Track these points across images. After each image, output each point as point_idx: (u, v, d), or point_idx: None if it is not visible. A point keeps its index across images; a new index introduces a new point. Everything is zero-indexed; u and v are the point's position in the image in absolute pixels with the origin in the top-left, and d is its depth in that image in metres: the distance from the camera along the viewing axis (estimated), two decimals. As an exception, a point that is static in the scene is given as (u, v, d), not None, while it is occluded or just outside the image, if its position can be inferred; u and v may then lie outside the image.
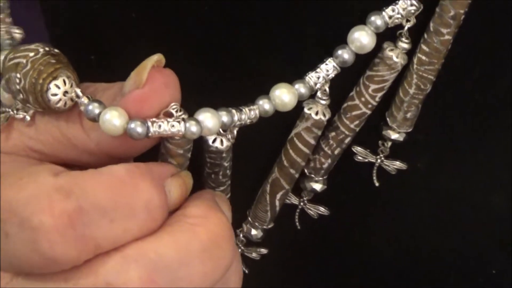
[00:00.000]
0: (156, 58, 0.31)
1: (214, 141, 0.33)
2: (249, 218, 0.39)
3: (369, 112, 0.35)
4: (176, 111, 0.31)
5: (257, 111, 0.33)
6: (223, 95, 0.36)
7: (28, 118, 0.33)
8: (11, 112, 0.33)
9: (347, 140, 0.36)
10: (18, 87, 0.31)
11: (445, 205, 0.38)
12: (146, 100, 0.31)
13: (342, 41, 0.34)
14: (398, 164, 0.37)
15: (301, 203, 0.38)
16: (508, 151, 0.36)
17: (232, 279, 0.33)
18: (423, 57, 0.34)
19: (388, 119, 0.36)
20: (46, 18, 0.38)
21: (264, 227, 0.38)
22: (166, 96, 0.31)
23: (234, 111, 0.32)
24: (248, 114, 0.33)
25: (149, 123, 0.30)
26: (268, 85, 0.34)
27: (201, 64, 0.36)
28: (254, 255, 0.40)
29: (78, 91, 0.31)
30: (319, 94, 0.34)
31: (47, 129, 0.33)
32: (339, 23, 0.34)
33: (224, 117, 0.32)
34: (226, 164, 0.35)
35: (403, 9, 0.33)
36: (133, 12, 0.36)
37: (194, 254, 0.30)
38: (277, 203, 0.37)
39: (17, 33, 0.34)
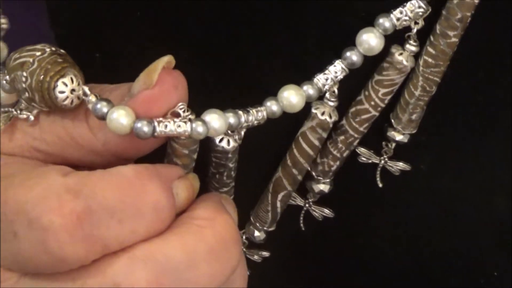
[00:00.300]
0: (167, 59, 0.31)
1: (221, 140, 0.33)
2: (251, 218, 0.39)
3: (378, 114, 0.35)
4: (184, 111, 0.31)
5: (264, 113, 0.33)
6: (223, 96, 0.36)
7: (32, 118, 0.33)
8: (14, 112, 0.33)
9: (356, 142, 0.36)
10: (24, 85, 0.31)
11: (447, 205, 0.38)
12: (155, 101, 0.31)
13: (344, 43, 0.34)
14: (401, 165, 0.37)
15: (307, 205, 0.38)
16: (510, 152, 0.37)
17: (237, 282, 0.33)
18: (429, 60, 0.34)
19: (392, 120, 0.36)
20: (51, 17, 0.38)
21: (265, 228, 0.38)
22: (175, 97, 0.31)
23: (241, 112, 0.32)
24: (256, 115, 0.33)
25: (156, 123, 0.31)
26: (269, 86, 0.34)
27: (202, 64, 0.36)
28: (256, 257, 0.40)
29: (86, 89, 0.31)
30: (327, 95, 0.34)
31: (52, 129, 0.33)
32: (341, 25, 0.34)
33: (231, 118, 0.32)
34: (231, 165, 0.35)
35: (411, 11, 0.33)
36: (137, 11, 0.36)
37: (201, 256, 0.30)
38: (278, 204, 0.37)
39: (2, 23, 0.34)
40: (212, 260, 0.30)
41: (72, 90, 0.31)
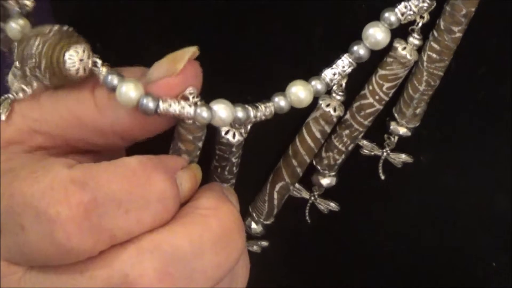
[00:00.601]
0: (193, 50, 0.32)
1: (226, 133, 0.33)
2: (250, 209, 0.39)
3: (382, 108, 0.35)
4: (193, 97, 0.31)
5: (272, 108, 0.33)
6: (227, 94, 0.36)
7: (29, 92, 0.32)
8: (11, 96, 0.33)
9: (360, 136, 0.36)
10: (33, 51, 0.31)
11: (448, 202, 0.38)
12: (176, 89, 0.31)
13: (348, 40, 0.34)
14: (404, 158, 0.37)
15: (312, 198, 0.38)
16: (510, 149, 0.37)
17: (240, 271, 0.33)
18: (434, 55, 0.34)
19: (396, 115, 0.36)
20: (54, 8, 0.37)
21: (261, 219, 0.38)
22: (194, 86, 0.32)
23: (250, 108, 0.33)
24: (264, 111, 0.33)
25: (161, 101, 0.31)
26: (274, 85, 0.34)
27: (205, 62, 0.36)
28: (255, 248, 0.40)
29: (97, 60, 0.32)
30: (335, 88, 0.34)
31: (55, 108, 0.32)
32: (346, 23, 0.35)
33: (240, 112, 0.32)
34: (234, 160, 0.35)
35: (415, 6, 0.33)
36: (141, 8, 0.36)
37: (207, 246, 0.30)
38: (275, 195, 0.37)
39: (28, 1, 0.34)
40: (218, 249, 0.30)
41: (81, 60, 0.31)
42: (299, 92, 0.33)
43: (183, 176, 0.32)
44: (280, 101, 0.33)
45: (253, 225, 0.39)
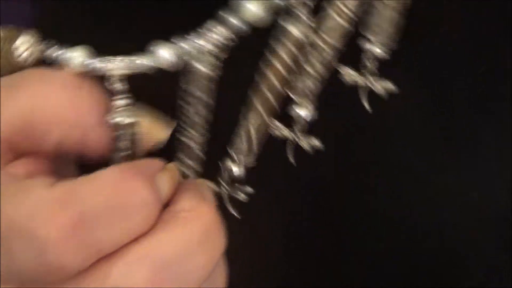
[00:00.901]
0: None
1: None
2: (228, 150, 0.37)
3: (351, 28, 0.34)
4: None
5: (222, 29, 0.32)
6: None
7: None
8: None
9: (330, 59, 0.35)
10: None
11: (445, 200, 0.37)
12: None
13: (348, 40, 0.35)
14: (386, 85, 0.35)
15: (292, 134, 0.36)
16: (510, 146, 0.36)
17: (219, 270, 0.33)
18: None
19: (369, 34, 0.35)
20: (52, 8, 0.39)
21: (241, 157, 0.36)
22: None
23: (191, 36, 0.32)
24: (211, 35, 0.32)
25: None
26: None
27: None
28: (242, 196, 0.37)
29: (50, 43, 0.33)
30: (301, 9, 0.33)
31: (2, 111, 0.32)
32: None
33: (181, 44, 0.32)
34: (200, 96, 0.34)
35: None
36: (140, 6, 0.37)
37: (193, 248, 0.30)
38: (251, 129, 0.35)
39: None
40: (204, 249, 0.31)
41: (30, 46, 0.33)
42: (251, 5, 0.31)
43: (162, 179, 0.32)
44: (230, 18, 0.32)
45: (234, 168, 0.37)
